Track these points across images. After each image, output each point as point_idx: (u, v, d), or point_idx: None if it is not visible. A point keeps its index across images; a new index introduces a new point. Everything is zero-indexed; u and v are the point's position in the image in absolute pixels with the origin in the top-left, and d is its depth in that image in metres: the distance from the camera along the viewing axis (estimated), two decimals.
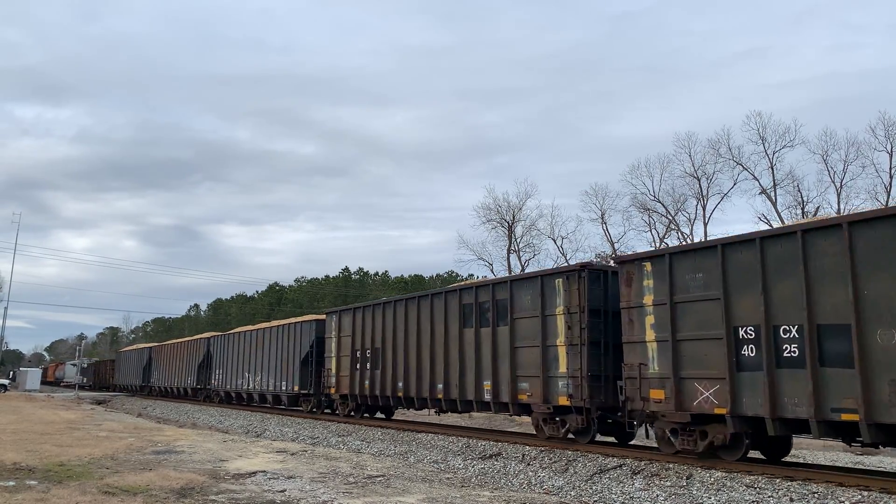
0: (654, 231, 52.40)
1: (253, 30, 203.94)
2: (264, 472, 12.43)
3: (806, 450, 19.17)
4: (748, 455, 12.88)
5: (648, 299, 13.82)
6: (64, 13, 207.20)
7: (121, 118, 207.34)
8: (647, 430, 14.27)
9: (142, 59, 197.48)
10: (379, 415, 26.23)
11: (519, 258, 57.33)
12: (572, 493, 12.35)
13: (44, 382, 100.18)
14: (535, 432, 17.34)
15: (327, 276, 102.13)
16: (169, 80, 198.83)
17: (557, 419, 16.16)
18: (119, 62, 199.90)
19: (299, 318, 30.16)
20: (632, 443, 16.92)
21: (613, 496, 11.84)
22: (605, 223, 54.11)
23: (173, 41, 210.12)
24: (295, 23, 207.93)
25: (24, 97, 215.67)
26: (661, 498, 11.30)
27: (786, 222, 45.80)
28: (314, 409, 27.82)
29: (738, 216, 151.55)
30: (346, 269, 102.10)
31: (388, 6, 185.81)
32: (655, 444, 14.53)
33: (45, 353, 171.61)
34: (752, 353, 11.95)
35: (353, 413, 24.68)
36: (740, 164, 47.72)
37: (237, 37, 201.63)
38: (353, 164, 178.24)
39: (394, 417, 26.33)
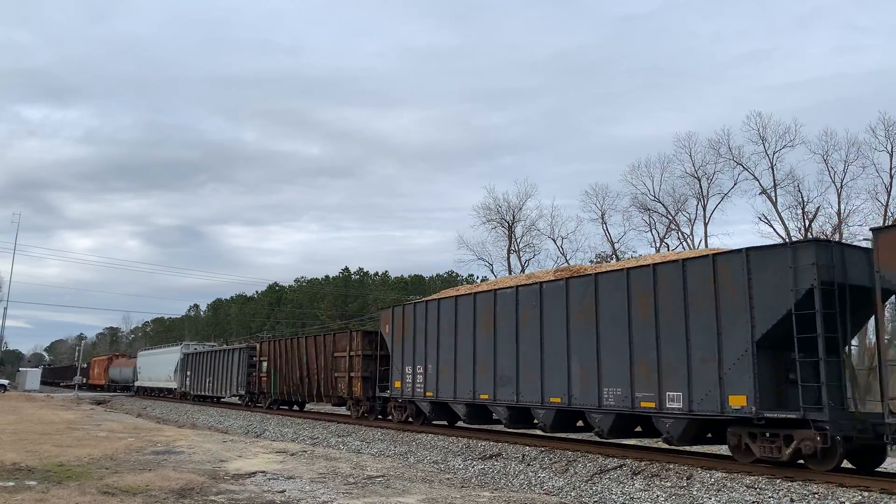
0: (654, 231, 52.47)
1: (260, 31, 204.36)
2: (264, 472, 12.41)
3: None
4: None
5: None
6: (73, 15, 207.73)
7: (127, 119, 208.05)
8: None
9: (149, 61, 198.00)
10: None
11: (519, 258, 57.36)
12: (572, 493, 12.33)
13: (82, 386, 68.94)
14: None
15: (327, 277, 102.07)
16: (176, 82, 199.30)
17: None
18: (127, 63, 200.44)
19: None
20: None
21: (614, 497, 11.82)
22: (606, 223, 54.17)
23: (181, 43, 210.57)
24: (302, 24, 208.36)
25: (32, 98, 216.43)
26: (662, 498, 11.28)
27: (786, 223, 45.88)
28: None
29: (738, 216, 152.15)
30: (346, 269, 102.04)
31: (395, 8, 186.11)
32: None
33: (44, 353, 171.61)
34: None
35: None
36: (740, 165, 47.76)
37: (244, 38, 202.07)
38: (359, 164, 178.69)
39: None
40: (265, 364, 31.82)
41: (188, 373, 42.40)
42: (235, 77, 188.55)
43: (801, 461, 11.88)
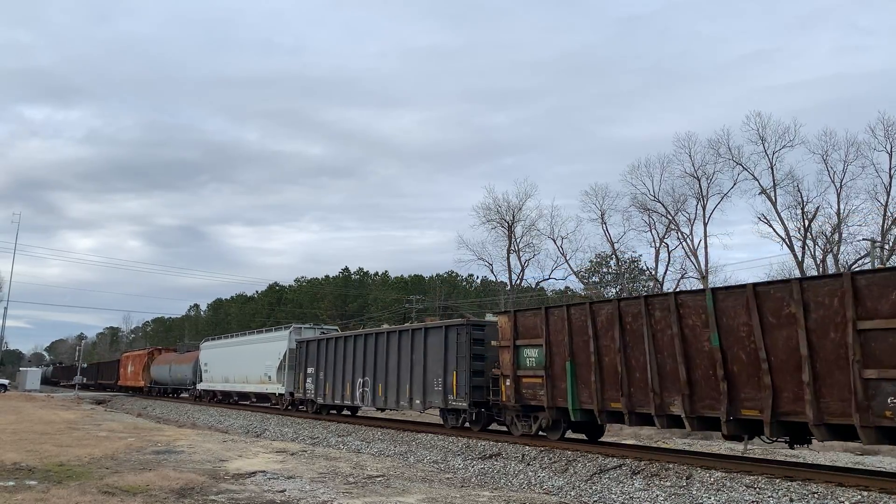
0: (654, 231, 52.49)
1: (263, 32, 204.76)
2: (264, 472, 12.42)
3: (806, 450, 19.17)
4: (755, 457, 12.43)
5: None
6: (75, 15, 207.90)
7: (129, 119, 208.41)
8: None
9: (151, 61, 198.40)
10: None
11: (519, 258, 57.42)
12: (572, 493, 12.34)
13: (112, 386, 59.00)
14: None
15: (327, 276, 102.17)
16: (178, 82, 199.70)
17: None
18: (129, 64, 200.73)
19: None
20: (629, 442, 16.43)
21: (613, 496, 11.83)
22: (605, 223, 54.20)
23: (183, 43, 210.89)
24: (304, 25, 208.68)
25: (35, 98, 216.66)
26: (661, 498, 11.29)
27: (786, 223, 45.82)
28: None
29: (738, 216, 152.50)
30: (346, 269, 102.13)
31: (397, 9, 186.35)
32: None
33: (45, 353, 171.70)
34: None
35: None
36: (740, 165, 47.83)
37: (247, 38, 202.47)
38: (360, 164, 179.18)
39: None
40: (533, 353, 16.44)
41: (310, 370, 27.08)
42: (237, 77, 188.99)
43: None
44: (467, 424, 19.36)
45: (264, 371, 31.74)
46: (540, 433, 16.99)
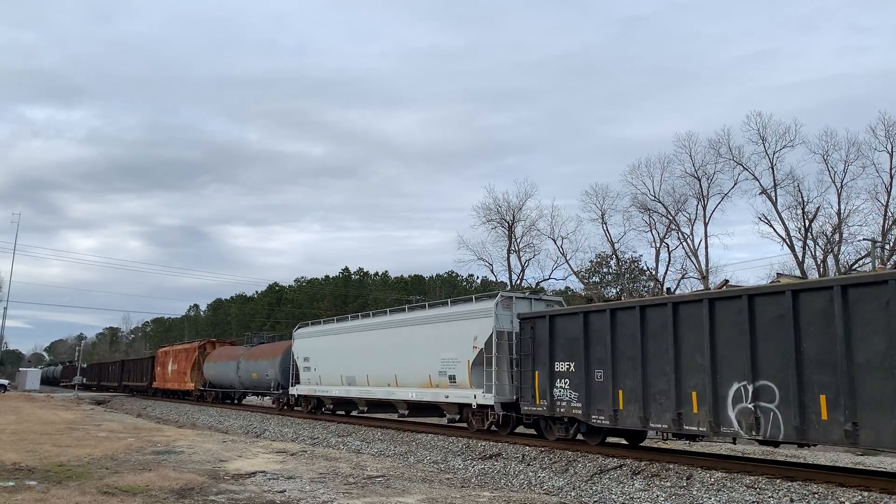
0: (654, 231, 52.45)
1: (266, 32, 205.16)
2: (264, 472, 12.41)
3: (806, 450, 19.16)
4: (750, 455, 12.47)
5: None
6: (77, 15, 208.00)
7: (131, 120, 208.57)
8: None
9: (154, 61, 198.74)
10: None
11: (519, 258, 57.36)
12: (572, 493, 12.33)
13: (143, 389, 49.23)
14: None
15: (327, 277, 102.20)
16: (180, 82, 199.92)
17: None
18: (131, 64, 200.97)
19: None
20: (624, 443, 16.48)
21: (613, 496, 11.82)
22: (606, 223, 54.12)
23: (185, 43, 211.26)
24: (307, 25, 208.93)
25: (37, 99, 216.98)
26: (662, 498, 11.28)
27: (786, 223, 45.81)
28: None
29: (738, 216, 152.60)
30: (346, 269, 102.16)
31: (399, 9, 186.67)
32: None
33: (44, 354, 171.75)
34: None
35: None
36: (741, 165, 47.79)
37: (249, 39, 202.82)
38: (362, 165, 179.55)
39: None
40: None
41: (560, 366, 16.11)
42: (240, 77, 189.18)
43: None
44: None
45: (440, 368, 19.83)
46: None
